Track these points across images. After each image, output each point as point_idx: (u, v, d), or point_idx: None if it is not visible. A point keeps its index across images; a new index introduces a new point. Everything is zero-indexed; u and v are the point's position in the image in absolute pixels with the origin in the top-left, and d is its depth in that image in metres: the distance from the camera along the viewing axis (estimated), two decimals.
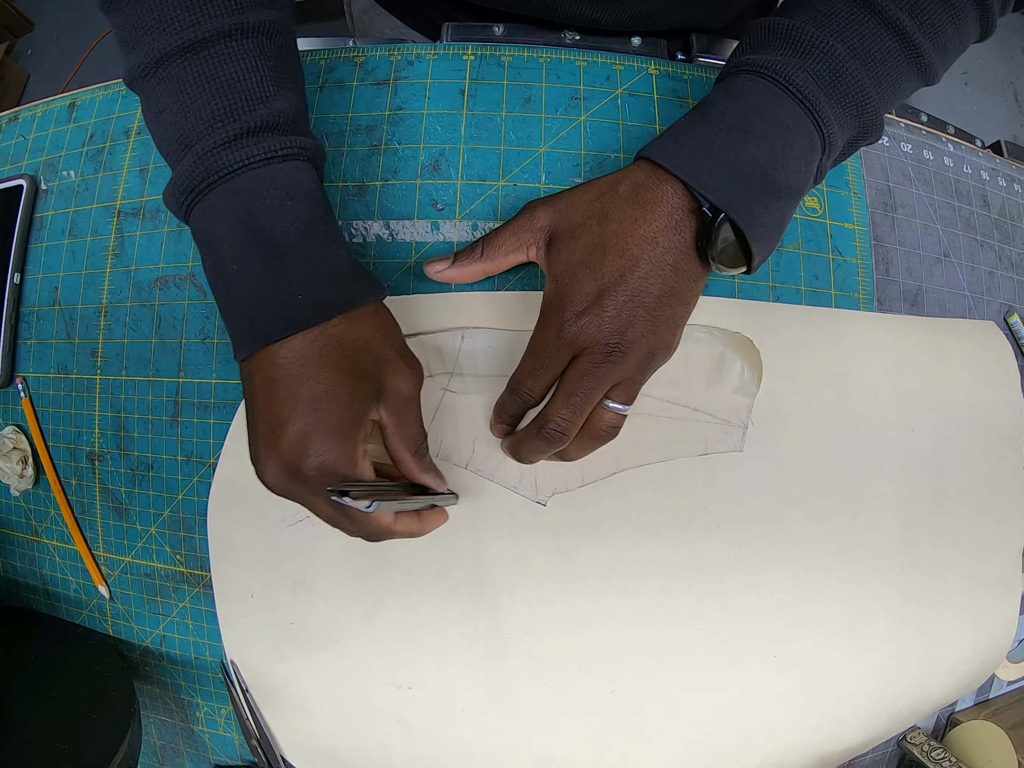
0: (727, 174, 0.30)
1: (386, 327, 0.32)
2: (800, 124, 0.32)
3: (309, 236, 0.29)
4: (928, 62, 0.34)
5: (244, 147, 0.29)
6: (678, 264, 0.31)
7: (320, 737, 0.43)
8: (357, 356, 0.30)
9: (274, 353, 0.29)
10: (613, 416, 0.33)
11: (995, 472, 0.43)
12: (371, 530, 0.32)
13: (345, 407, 0.29)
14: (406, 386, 0.31)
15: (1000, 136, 0.52)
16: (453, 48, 0.42)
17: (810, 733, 0.43)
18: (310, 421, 0.28)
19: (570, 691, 0.40)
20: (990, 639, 0.45)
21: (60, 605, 0.46)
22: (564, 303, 0.31)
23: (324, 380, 0.28)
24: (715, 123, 0.32)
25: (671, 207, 0.31)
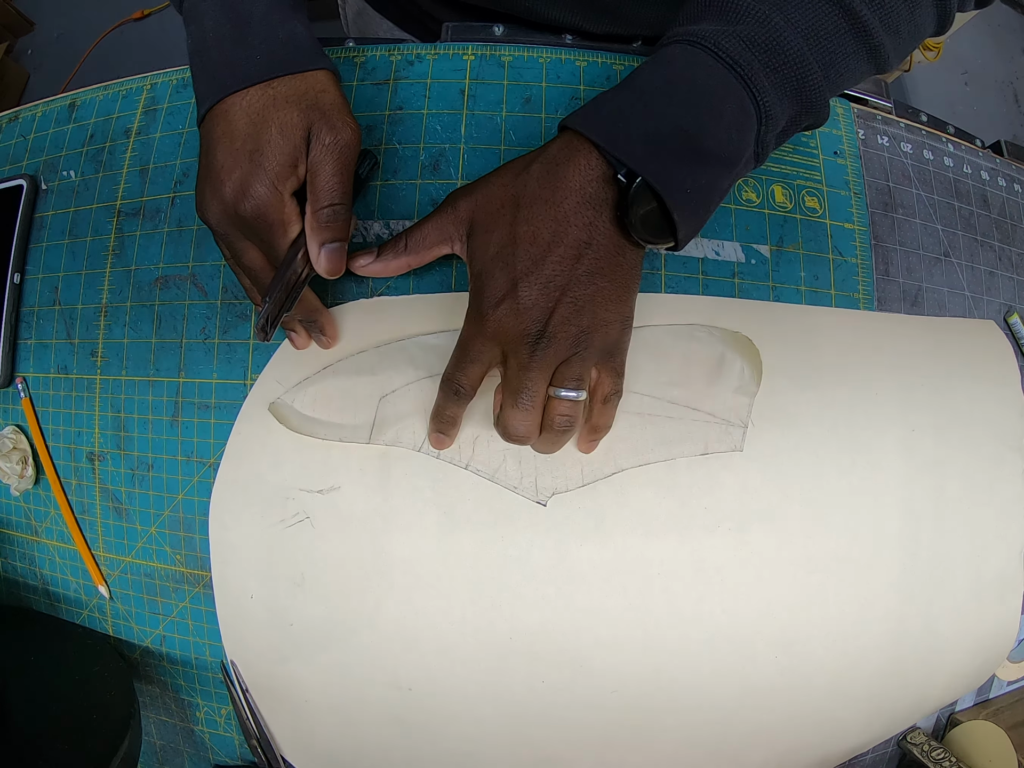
0: (644, 135, 0.30)
1: (325, 85, 0.34)
2: (730, 90, 0.30)
3: (273, 12, 0.34)
4: (877, 42, 0.32)
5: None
6: (593, 240, 0.31)
7: (320, 737, 0.43)
8: (295, 108, 0.32)
9: (228, 109, 0.32)
10: (564, 404, 0.32)
11: (995, 472, 0.43)
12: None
13: (279, 155, 0.32)
14: (328, 136, 0.33)
15: (1000, 136, 0.52)
16: (453, 48, 0.42)
17: (811, 733, 0.43)
18: (249, 169, 0.32)
19: (570, 691, 0.40)
20: (991, 639, 0.45)
21: (60, 605, 0.46)
22: (481, 298, 0.31)
23: (263, 134, 0.32)
24: (637, 89, 0.31)
25: (584, 179, 0.30)
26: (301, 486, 0.39)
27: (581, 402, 0.33)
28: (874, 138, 0.44)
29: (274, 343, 0.40)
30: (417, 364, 0.38)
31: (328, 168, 0.33)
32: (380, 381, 0.38)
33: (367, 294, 0.40)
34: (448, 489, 0.38)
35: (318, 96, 0.33)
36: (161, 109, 0.44)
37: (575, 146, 0.31)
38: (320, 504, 0.39)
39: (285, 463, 0.39)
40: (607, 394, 0.34)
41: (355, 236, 0.40)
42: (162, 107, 0.44)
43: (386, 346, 0.39)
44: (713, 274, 0.40)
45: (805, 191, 0.42)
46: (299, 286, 0.35)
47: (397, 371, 0.38)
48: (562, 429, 0.33)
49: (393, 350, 0.39)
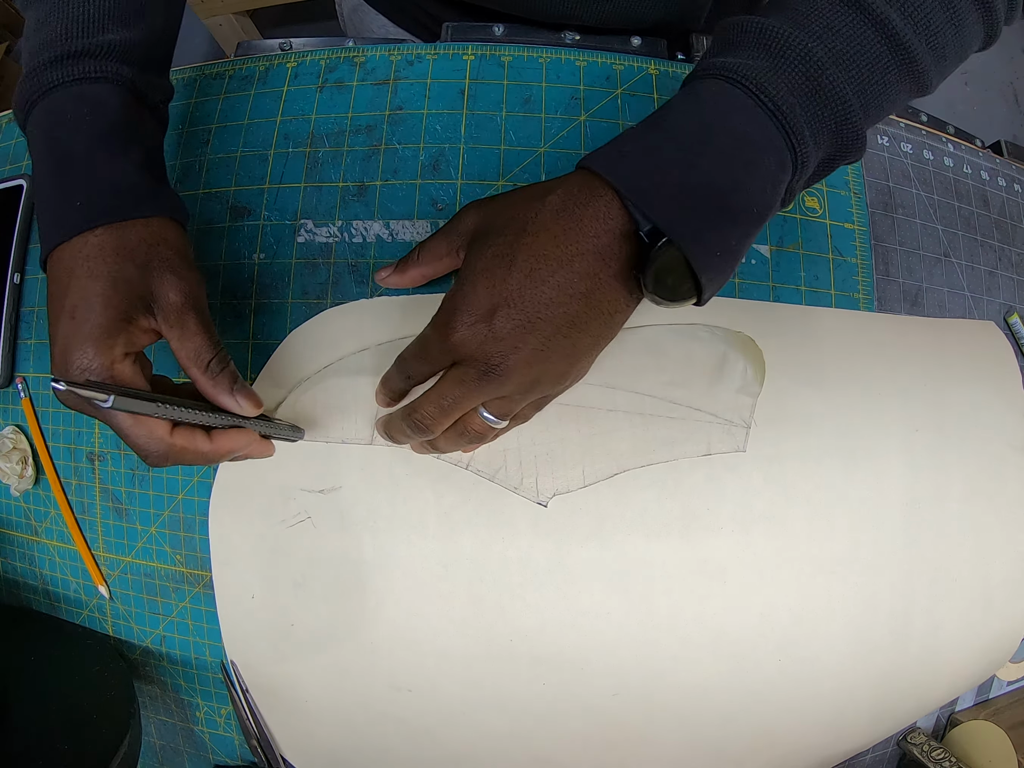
0: (675, 190, 0.27)
1: (158, 237, 0.31)
2: (770, 140, 0.28)
3: (97, 149, 0.31)
4: (922, 68, 0.30)
5: (62, 68, 0.31)
6: (591, 294, 0.28)
7: (320, 738, 0.43)
8: (119, 265, 0.30)
9: (55, 264, 0.30)
10: (482, 424, 0.32)
11: (998, 472, 0.43)
12: (142, 441, 0.30)
13: (99, 314, 0.29)
14: (172, 294, 0.30)
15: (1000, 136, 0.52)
16: (453, 48, 0.42)
17: (814, 735, 0.43)
18: (68, 331, 0.29)
19: (571, 693, 0.40)
20: (996, 641, 0.45)
21: (60, 605, 0.46)
22: (456, 307, 0.29)
23: (81, 289, 0.29)
24: (669, 131, 0.28)
25: (600, 228, 0.28)
26: (302, 486, 0.39)
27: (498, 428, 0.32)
28: (874, 138, 0.44)
29: (275, 342, 0.40)
30: None
31: (192, 326, 0.31)
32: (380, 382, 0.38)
33: (367, 294, 0.40)
34: (449, 490, 0.38)
35: (150, 253, 0.30)
36: None
37: (596, 190, 0.28)
38: (321, 504, 0.39)
39: (286, 463, 0.39)
40: (517, 417, 0.33)
41: (355, 236, 0.40)
42: None
43: (387, 345, 0.39)
44: None
45: (805, 191, 0.42)
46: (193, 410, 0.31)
47: None
48: (469, 440, 0.33)
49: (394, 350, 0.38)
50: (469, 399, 0.30)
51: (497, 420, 0.32)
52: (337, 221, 0.40)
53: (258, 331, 0.40)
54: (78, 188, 0.30)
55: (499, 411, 0.31)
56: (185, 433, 0.31)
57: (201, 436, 0.32)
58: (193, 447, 0.31)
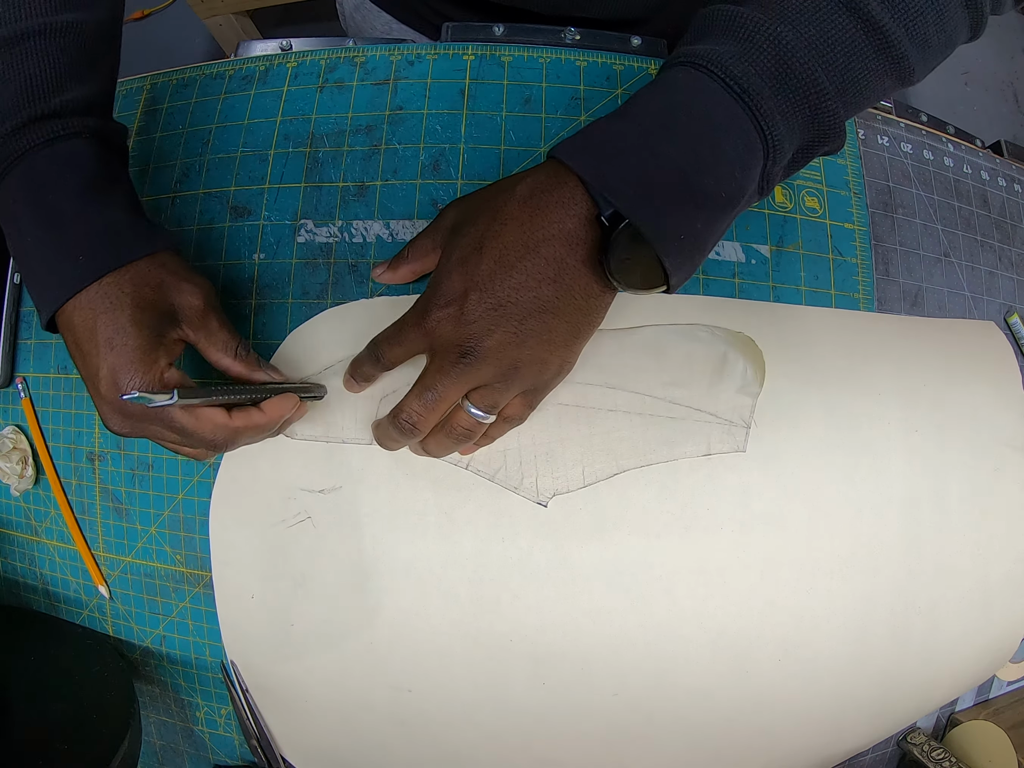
0: (635, 174, 0.27)
1: (160, 261, 0.33)
2: (735, 122, 0.28)
3: (85, 204, 0.32)
4: (901, 53, 0.29)
5: (30, 133, 0.32)
6: (559, 278, 0.29)
7: (320, 738, 0.43)
8: (137, 292, 0.31)
9: (71, 315, 0.31)
10: (469, 419, 0.32)
11: (998, 472, 0.43)
12: (209, 433, 0.32)
13: (135, 336, 0.31)
14: (193, 299, 0.33)
15: (1000, 136, 0.52)
16: (453, 48, 0.42)
17: (813, 735, 0.43)
18: (111, 359, 0.31)
19: (571, 694, 0.40)
20: (996, 641, 0.45)
21: (60, 605, 0.46)
22: (432, 293, 0.31)
23: (112, 321, 0.31)
24: (633, 118, 0.29)
25: (564, 214, 0.28)
26: (302, 486, 0.39)
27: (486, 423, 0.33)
28: (874, 138, 0.44)
29: (275, 342, 0.40)
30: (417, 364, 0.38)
31: (215, 323, 0.34)
32: (381, 381, 0.38)
33: (367, 294, 0.40)
34: (449, 490, 0.38)
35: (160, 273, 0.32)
36: (161, 109, 0.44)
37: (561, 177, 0.29)
38: (321, 504, 0.39)
39: (286, 463, 0.39)
40: (510, 417, 0.34)
41: (355, 236, 0.40)
42: (162, 107, 0.44)
43: None
44: (713, 274, 0.40)
45: (805, 191, 0.42)
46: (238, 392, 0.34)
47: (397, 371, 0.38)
48: (457, 438, 0.33)
49: None
50: (450, 388, 0.31)
51: (484, 414, 0.32)
52: (337, 221, 0.40)
53: (258, 331, 0.40)
54: (77, 244, 0.31)
55: (484, 403, 0.32)
56: (241, 414, 0.33)
57: (255, 411, 0.34)
58: (252, 423, 0.34)
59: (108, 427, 0.32)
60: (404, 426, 0.32)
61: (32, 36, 0.32)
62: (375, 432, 0.36)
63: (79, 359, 0.32)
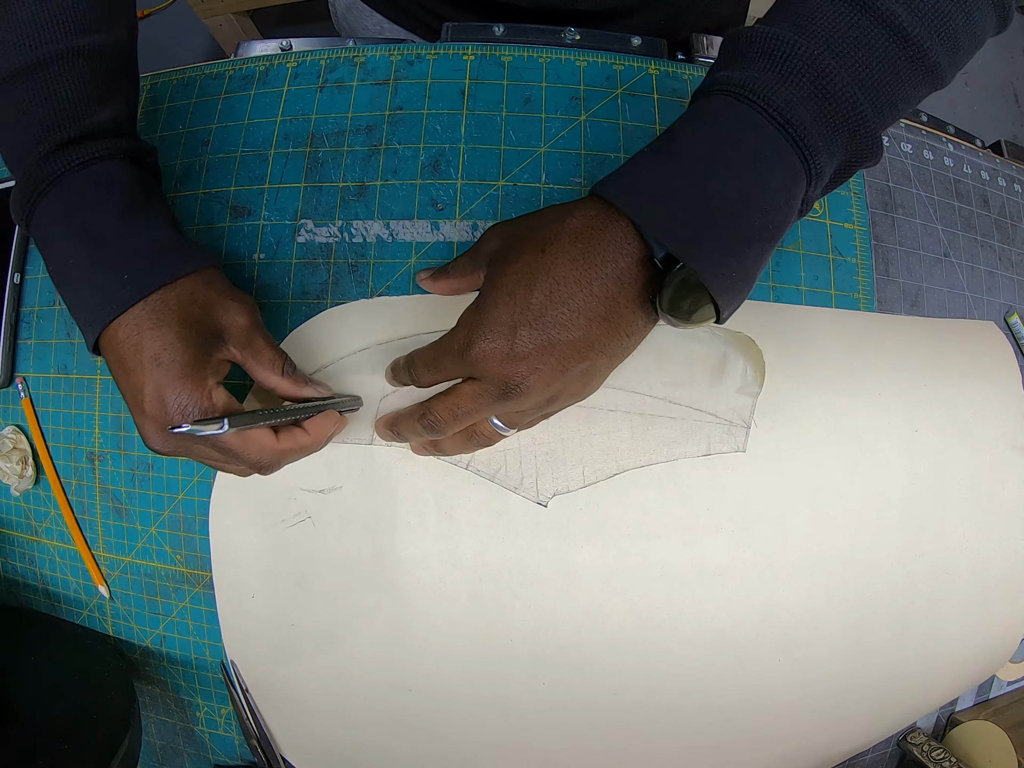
0: (687, 216, 0.27)
1: (206, 279, 0.33)
2: (781, 154, 0.28)
3: (127, 222, 0.32)
4: (934, 61, 0.28)
5: (64, 155, 0.32)
6: (609, 316, 0.28)
7: (320, 738, 0.43)
8: (184, 310, 0.31)
9: (115, 333, 0.31)
10: (492, 430, 0.33)
11: (998, 472, 0.43)
12: (256, 456, 0.32)
13: (183, 352, 0.31)
14: (240, 318, 0.33)
15: (1000, 136, 0.52)
16: (453, 48, 0.42)
17: (813, 735, 0.43)
18: (158, 377, 0.30)
19: (571, 693, 0.40)
20: (996, 640, 0.45)
21: (60, 605, 0.46)
22: (477, 323, 0.29)
23: (159, 338, 0.31)
24: (678, 155, 0.28)
25: (616, 253, 0.28)
26: (302, 486, 0.39)
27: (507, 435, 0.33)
28: None
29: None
30: None
31: (260, 342, 0.34)
32: (381, 381, 0.38)
33: (367, 294, 0.40)
34: (449, 490, 0.38)
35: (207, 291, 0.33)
36: (161, 109, 0.44)
37: (612, 216, 0.28)
38: (321, 504, 0.39)
39: None
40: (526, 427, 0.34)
41: (355, 236, 0.40)
42: (162, 107, 0.44)
43: (387, 345, 0.39)
44: None
45: None
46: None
47: None
48: (477, 445, 0.34)
49: (394, 350, 0.39)
50: (483, 413, 0.31)
51: (506, 428, 0.32)
52: (337, 221, 0.40)
53: None
54: (121, 262, 0.31)
55: (511, 422, 0.32)
56: (287, 436, 0.33)
57: (300, 433, 0.34)
58: (298, 444, 0.34)
59: (149, 446, 0.32)
60: (429, 426, 0.33)
61: (56, 60, 0.32)
62: (391, 420, 0.36)
63: (122, 377, 0.31)
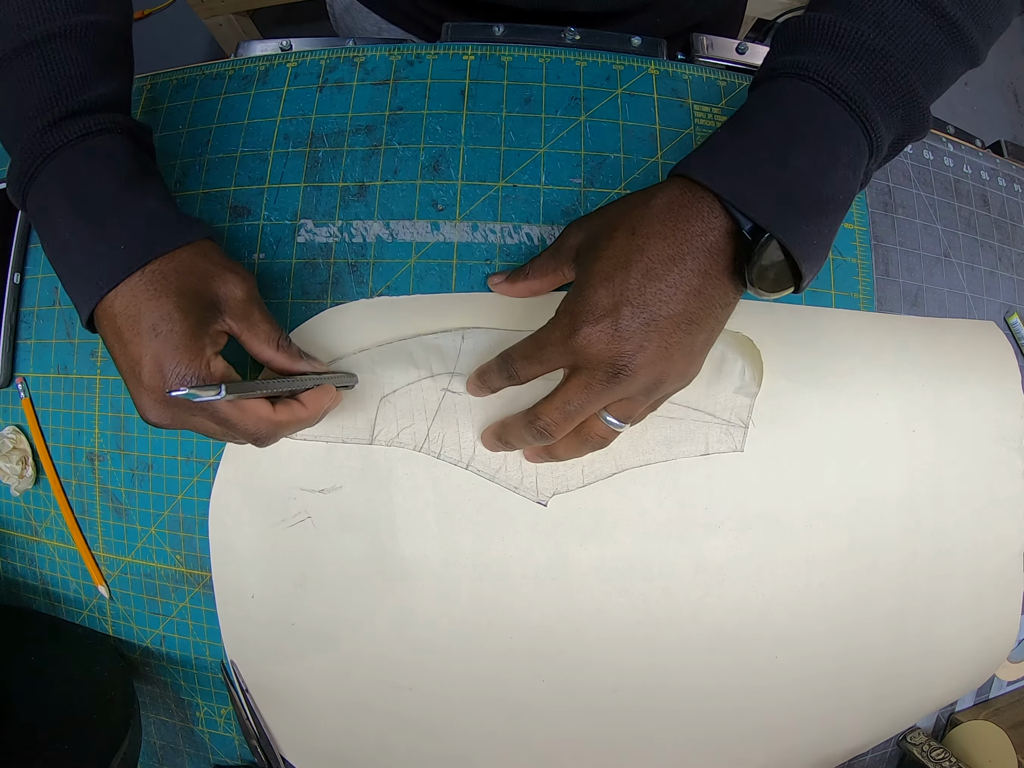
0: (771, 189, 0.28)
1: (203, 251, 0.33)
2: (848, 129, 0.30)
3: (124, 195, 0.32)
4: (972, 43, 0.31)
5: (62, 129, 0.32)
6: (703, 289, 0.30)
7: (320, 737, 0.43)
8: (181, 280, 0.31)
9: (111, 305, 0.31)
10: (605, 428, 0.32)
11: (996, 473, 0.43)
12: (252, 426, 0.32)
13: (180, 322, 0.31)
14: (237, 290, 0.33)
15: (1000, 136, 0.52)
16: (453, 48, 0.42)
17: (812, 733, 0.43)
18: (156, 346, 0.30)
19: (570, 691, 0.40)
20: (992, 639, 0.45)
21: (60, 605, 0.46)
22: (578, 309, 0.30)
23: (156, 308, 0.31)
24: (754, 133, 0.30)
25: (705, 227, 0.29)
26: (302, 486, 0.39)
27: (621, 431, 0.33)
28: None
29: None
30: (418, 364, 0.38)
31: (257, 315, 0.34)
32: (381, 381, 0.38)
33: (367, 294, 0.40)
34: (449, 489, 0.38)
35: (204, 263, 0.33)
36: (161, 109, 0.44)
37: (697, 193, 0.30)
38: (321, 504, 0.39)
39: (286, 463, 0.39)
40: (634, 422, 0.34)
41: (355, 236, 0.40)
42: (162, 107, 0.44)
43: (387, 346, 0.39)
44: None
45: None
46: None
47: (398, 371, 0.38)
48: (594, 446, 0.33)
49: (394, 350, 0.39)
50: (594, 404, 0.31)
51: (620, 423, 0.32)
52: (337, 221, 0.40)
53: None
54: (118, 233, 0.31)
55: (622, 414, 0.32)
56: (283, 408, 0.33)
57: (297, 405, 0.34)
58: (294, 417, 0.34)
59: (146, 418, 0.32)
60: (540, 432, 0.33)
61: (53, 38, 0.32)
62: (498, 429, 0.36)
63: (118, 348, 0.31)
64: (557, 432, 0.32)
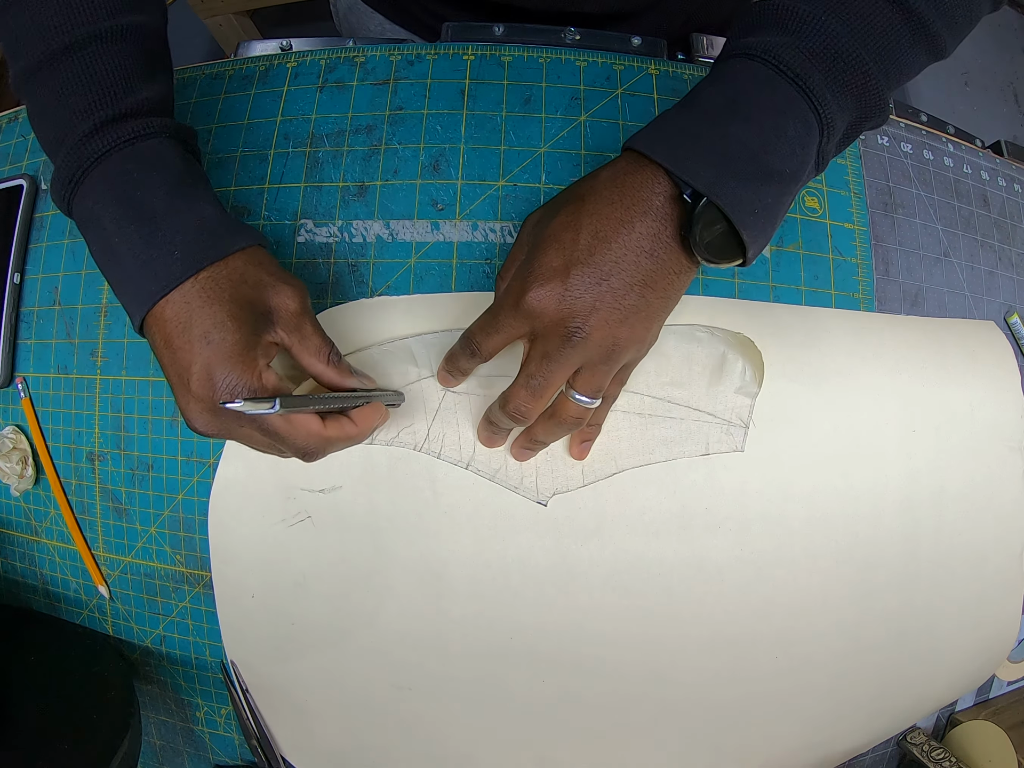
0: (710, 157, 0.29)
1: (257, 259, 0.33)
2: (793, 105, 0.30)
3: (176, 200, 0.31)
4: (934, 32, 0.31)
5: (109, 132, 0.31)
6: (655, 252, 0.30)
7: (320, 737, 0.43)
8: (235, 289, 0.31)
9: (163, 311, 0.30)
10: (576, 407, 0.33)
11: (995, 472, 0.43)
12: (302, 441, 0.32)
13: (234, 331, 0.30)
14: (291, 302, 0.33)
15: (1000, 136, 0.52)
16: (453, 48, 0.42)
17: (812, 733, 0.43)
18: (207, 355, 0.30)
19: (571, 691, 0.40)
20: (992, 639, 0.45)
21: (60, 605, 0.46)
22: (529, 272, 0.31)
23: (209, 316, 0.30)
24: (699, 107, 0.31)
25: (650, 192, 0.30)
26: (302, 486, 0.39)
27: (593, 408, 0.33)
28: (874, 138, 0.44)
29: None
30: (418, 363, 0.38)
31: (309, 328, 0.33)
32: (381, 381, 0.38)
33: (367, 294, 0.40)
34: (449, 489, 0.38)
35: (259, 272, 0.32)
36: None
37: (641, 163, 0.31)
38: (321, 504, 0.39)
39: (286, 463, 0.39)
40: (608, 396, 0.35)
41: (355, 236, 0.40)
42: None
43: (387, 345, 0.39)
44: (713, 274, 0.40)
45: (805, 191, 0.42)
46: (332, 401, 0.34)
47: (398, 370, 0.38)
48: (569, 426, 0.34)
49: (394, 349, 0.39)
50: (556, 373, 0.31)
51: (590, 400, 0.32)
52: (337, 221, 0.40)
53: None
54: (171, 239, 0.31)
55: (589, 388, 0.32)
56: (333, 424, 0.33)
57: (347, 421, 0.34)
58: (344, 434, 0.33)
59: (192, 426, 0.31)
60: (514, 415, 0.33)
61: (95, 40, 0.32)
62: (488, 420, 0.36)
63: (167, 355, 0.31)
64: (529, 413, 0.33)
